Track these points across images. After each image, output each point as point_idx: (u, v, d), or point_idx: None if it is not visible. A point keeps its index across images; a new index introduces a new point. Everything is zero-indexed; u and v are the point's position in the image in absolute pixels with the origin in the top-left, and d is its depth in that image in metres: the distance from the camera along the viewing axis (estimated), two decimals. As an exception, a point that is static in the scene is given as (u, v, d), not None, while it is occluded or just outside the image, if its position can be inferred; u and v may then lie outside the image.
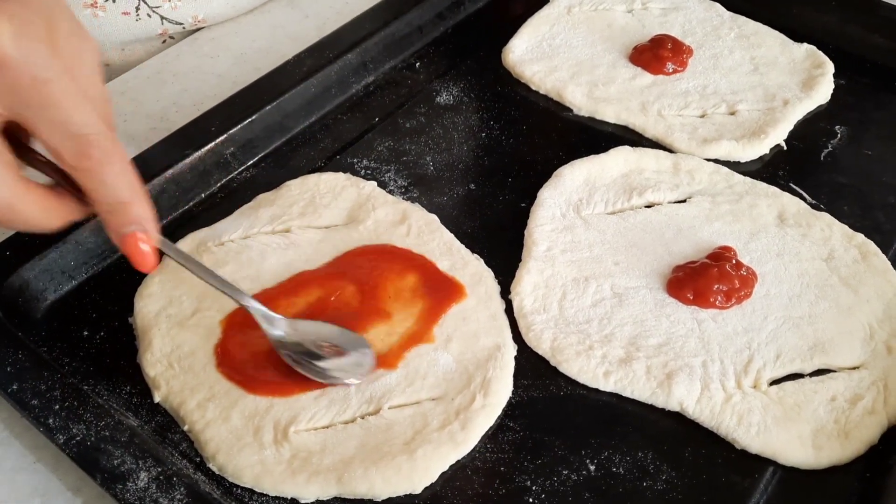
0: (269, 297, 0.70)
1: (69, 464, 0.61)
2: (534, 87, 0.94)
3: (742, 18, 1.02)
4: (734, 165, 0.85)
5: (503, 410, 0.66)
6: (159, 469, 0.60)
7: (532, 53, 0.97)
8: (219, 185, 0.83)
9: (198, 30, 1.02)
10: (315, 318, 0.69)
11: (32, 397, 0.63)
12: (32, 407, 0.63)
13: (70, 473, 0.63)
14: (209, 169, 0.82)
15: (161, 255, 0.61)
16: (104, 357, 0.69)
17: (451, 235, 0.77)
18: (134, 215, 0.56)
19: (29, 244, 0.72)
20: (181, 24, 0.99)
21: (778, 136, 0.88)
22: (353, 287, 0.72)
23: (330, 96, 0.91)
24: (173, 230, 0.78)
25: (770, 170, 0.86)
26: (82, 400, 0.63)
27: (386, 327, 0.69)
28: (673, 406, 0.66)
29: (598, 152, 0.84)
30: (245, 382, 0.65)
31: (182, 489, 0.59)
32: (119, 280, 0.75)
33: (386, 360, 0.67)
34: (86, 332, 0.71)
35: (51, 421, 0.62)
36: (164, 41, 1.02)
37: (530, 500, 0.61)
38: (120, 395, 0.67)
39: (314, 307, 0.70)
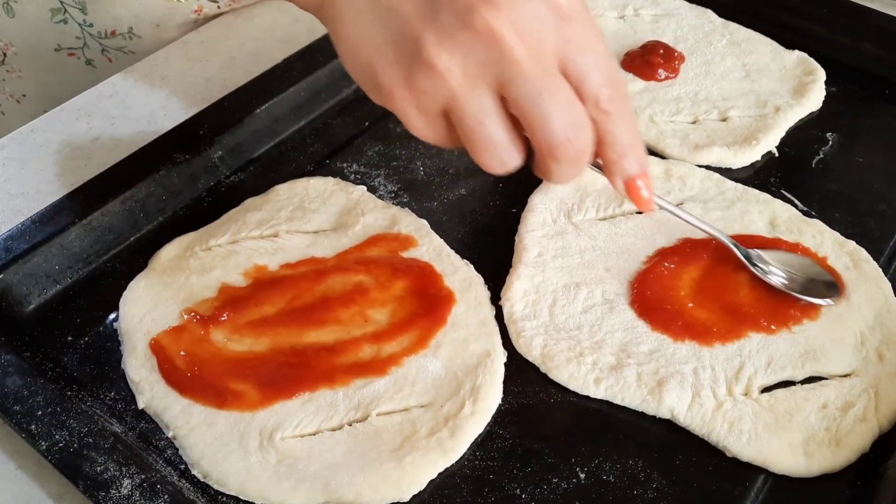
0: (249, 295, 0.70)
1: (51, 471, 0.60)
2: (525, 93, 0.94)
3: (734, 25, 1.02)
4: (726, 172, 0.85)
5: (493, 417, 0.65)
6: (143, 476, 0.59)
7: (523, 59, 0.97)
8: (206, 189, 0.82)
9: (230, 10, 1.03)
10: (297, 320, 0.69)
11: (14, 403, 0.62)
12: (14, 413, 0.62)
13: (52, 481, 0.62)
14: (197, 173, 0.82)
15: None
16: (88, 362, 0.68)
17: (441, 241, 0.77)
18: (641, 158, 0.60)
19: (12, 248, 0.71)
20: (215, 1, 1.00)
21: (769, 142, 0.88)
22: (346, 290, 0.71)
23: (320, 100, 0.90)
24: (160, 234, 0.77)
25: (761, 176, 0.86)
26: (65, 406, 0.62)
27: (375, 334, 0.69)
28: (664, 413, 0.66)
29: (589, 158, 0.84)
30: (212, 397, 0.64)
31: (166, 496, 0.58)
32: (104, 285, 0.74)
33: (376, 367, 0.66)
34: (70, 337, 0.70)
35: (33, 427, 0.61)
36: (197, 21, 1.02)
37: (519, 508, 0.61)
38: (104, 400, 0.66)
39: (297, 309, 0.70)
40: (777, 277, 0.72)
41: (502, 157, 0.57)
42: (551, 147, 0.55)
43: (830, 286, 0.72)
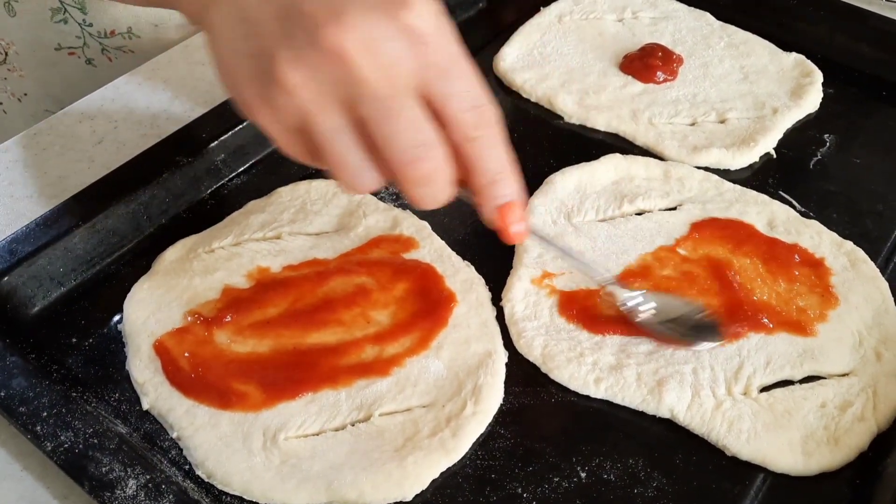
0: (252, 296, 0.71)
1: (57, 472, 0.61)
2: (525, 95, 0.95)
3: (732, 28, 1.02)
4: (724, 173, 0.85)
5: (494, 417, 0.66)
6: (148, 476, 0.59)
7: (523, 61, 0.97)
8: (209, 191, 0.83)
9: None
10: (300, 321, 0.69)
11: (20, 404, 0.63)
12: (20, 414, 0.62)
13: (58, 481, 0.62)
14: (200, 175, 0.82)
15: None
16: (93, 364, 0.69)
17: (443, 242, 0.77)
18: (511, 186, 0.58)
19: (17, 251, 0.72)
20: None
21: (767, 144, 0.88)
22: (349, 291, 0.72)
23: None
24: (163, 237, 0.78)
25: (760, 178, 0.86)
26: (70, 407, 0.63)
27: (378, 335, 0.69)
28: (664, 413, 0.66)
29: (588, 160, 0.84)
30: (216, 398, 0.65)
31: (171, 497, 0.58)
32: (108, 287, 0.74)
33: (379, 367, 0.67)
34: (74, 339, 0.71)
35: (38, 428, 0.61)
36: None
37: (521, 507, 0.61)
38: (108, 402, 0.66)
39: (300, 311, 0.70)
40: (650, 320, 0.70)
41: (358, 177, 0.55)
42: (396, 168, 0.54)
43: (712, 330, 0.70)
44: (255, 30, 0.53)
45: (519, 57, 0.98)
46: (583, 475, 0.63)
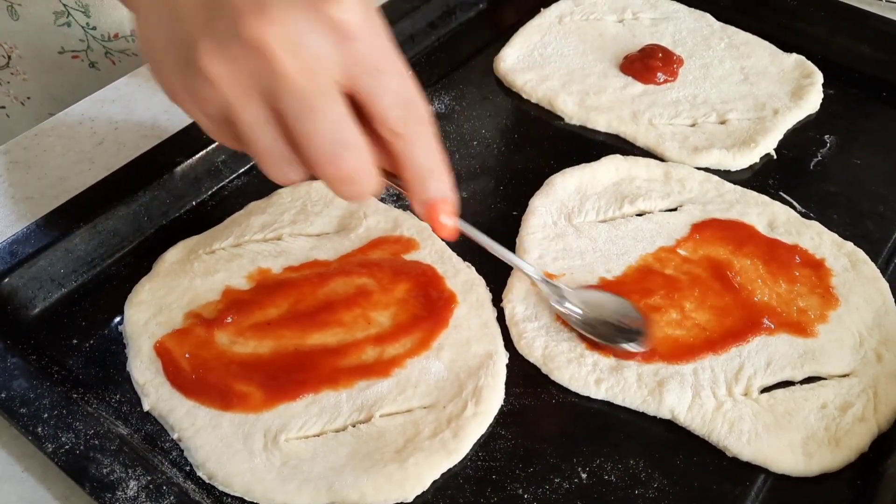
0: (253, 298, 0.71)
1: (58, 473, 0.61)
2: (525, 96, 0.95)
3: (732, 28, 1.02)
4: (724, 174, 0.85)
5: (495, 418, 0.66)
6: (149, 478, 0.59)
7: (524, 62, 0.97)
8: (210, 192, 0.83)
9: None
10: (301, 322, 0.69)
11: (21, 405, 0.63)
12: (21, 415, 0.62)
13: (59, 483, 0.62)
14: (200, 176, 0.82)
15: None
16: (94, 365, 0.69)
17: (443, 243, 0.77)
18: (440, 183, 0.58)
19: (17, 252, 0.72)
20: None
21: (768, 145, 0.88)
22: (349, 292, 0.72)
23: None
24: (164, 238, 0.78)
25: (760, 178, 0.86)
26: (71, 408, 0.63)
27: (378, 336, 0.69)
28: (664, 414, 0.66)
29: (589, 161, 0.84)
30: (217, 399, 0.65)
31: (172, 498, 0.58)
32: (109, 288, 0.74)
33: (379, 369, 0.67)
34: (75, 340, 0.71)
35: (39, 429, 0.61)
36: None
37: (522, 508, 0.61)
38: (109, 403, 0.66)
39: (301, 312, 0.70)
40: (577, 318, 0.70)
41: (282, 168, 0.55)
42: (314, 165, 0.54)
43: (636, 332, 0.69)
44: (180, 16, 0.52)
45: (519, 58, 0.98)
46: (583, 476, 0.63)
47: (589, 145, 0.89)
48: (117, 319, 0.72)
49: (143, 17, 0.56)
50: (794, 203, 0.83)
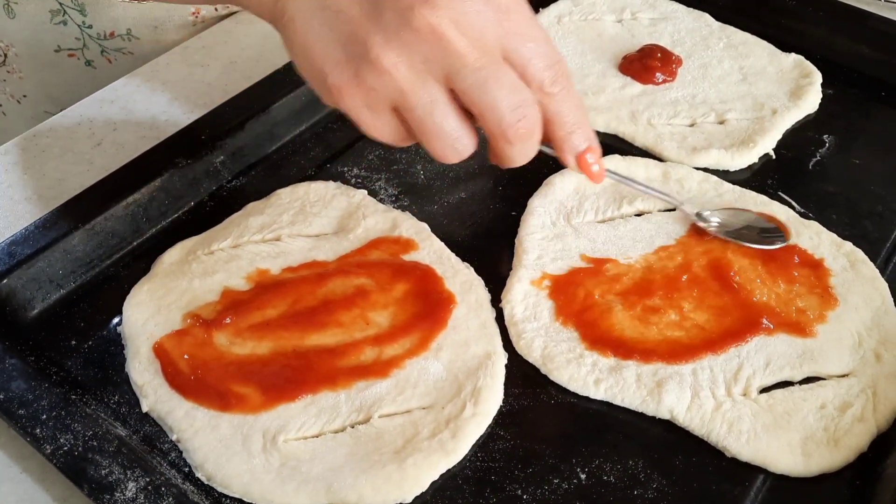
0: (252, 298, 0.71)
1: (56, 474, 0.61)
2: (524, 96, 0.95)
3: (731, 28, 1.02)
4: (723, 174, 0.85)
5: (493, 419, 0.66)
6: (147, 479, 0.59)
7: (522, 63, 0.97)
8: (208, 193, 0.83)
9: (228, 15, 1.03)
10: (299, 323, 0.69)
11: (19, 407, 0.63)
12: (19, 416, 0.62)
13: (57, 484, 0.62)
14: (199, 177, 0.82)
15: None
16: (92, 366, 0.69)
17: (442, 244, 0.77)
18: (589, 133, 0.64)
19: (16, 253, 0.72)
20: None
21: (767, 145, 0.88)
22: (348, 293, 0.72)
23: (320, 105, 0.88)
24: (162, 239, 0.78)
25: (759, 178, 0.86)
26: (69, 409, 0.63)
27: (377, 337, 0.69)
28: (663, 414, 0.66)
29: (588, 161, 0.84)
30: (216, 400, 0.65)
31: (170, 499, 0.58)
32: (107, 289, 0.74)
33: (378, 369, 0.67)
34: (73, 342, 0.71)
35: (38, 431, 0.61)
36: (195, 24, 1.03)
37: (521, 508, 0.61)
38: (108, 404, 0.66)
39: (299, 313, 0.70)
40: (722, 229, 0.77)
41: (454, 144, 0.59)
42: (503, 129, 0.58)
43: (775, 232, 0.77)
44: (340, 16, 0.56)
45: (518, 58, 0.98)
46: (582, 477, 0.63)
47: (588, 145, 0.89)
48: (116, 320, 0.72)
49: (297, 23, 0.58)
50: (793, 203, 0.83)
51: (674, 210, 0.81)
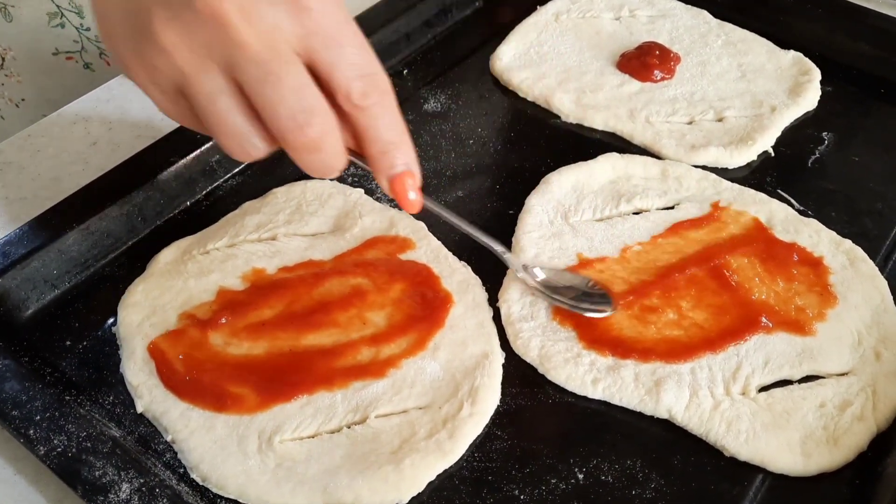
0: (247, 298, 0.71)
1: (50, 476, 0.61)
2: (522, 95, 0.94)
3: (729, 26, 1.02)
4: (722, 172, 0.85)
5: (491, 419, 0.65)
6: (142, 480, 0.59)
7: (520, 61, 0.97)
8: (204, 192, 0.83)
9: None
10: (295, 323, 0.69)
11: (13, 408, 0.62)
12: (13, 418, 0.62)
13: (51, 486, 0.62)
14: (195, 176, 0.82)
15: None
16: (87, 367, 0.69)
17: (439, 243, 0.77)
18: (404, 156, 0.58)
19: (10, 253, 0.71)
20: None
21: (765, 142, 0.88)
22: (344, 293, 0.71)
23: None
24: (158, 238, 0.77)
25: (758, 176, 0.86)
26: (64, 410, 0.62)
27: (374, 336, 0.69)
28: (661, 413, 0.66)
29: (585, 159, 0.84)
30: (211, 400, 0.64)
31: (165, 500, 0.58)
32: (102, 289, 0.74)
33: (374, 369, 0.66)
34: (68, 342, 0.70)
35: (31, 432, 0.61)
36: None
37: (518, 509, 0.61)
38: (103, 405, 0.66)
39: (295, 313, 0.70)
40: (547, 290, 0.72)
41: (241, 142, 0.54)
42: (282, 133, 0.53)
43: (601, 300, 0.71)
44: None
45: (516, 56, 0.98)
46: (580, 476, 0.63)
47: (585, 143, 0.89)
48: (111, 321, 0.71)
49: None
50: (792, 201, 0.83)
51: (672, 208, 0.80)
